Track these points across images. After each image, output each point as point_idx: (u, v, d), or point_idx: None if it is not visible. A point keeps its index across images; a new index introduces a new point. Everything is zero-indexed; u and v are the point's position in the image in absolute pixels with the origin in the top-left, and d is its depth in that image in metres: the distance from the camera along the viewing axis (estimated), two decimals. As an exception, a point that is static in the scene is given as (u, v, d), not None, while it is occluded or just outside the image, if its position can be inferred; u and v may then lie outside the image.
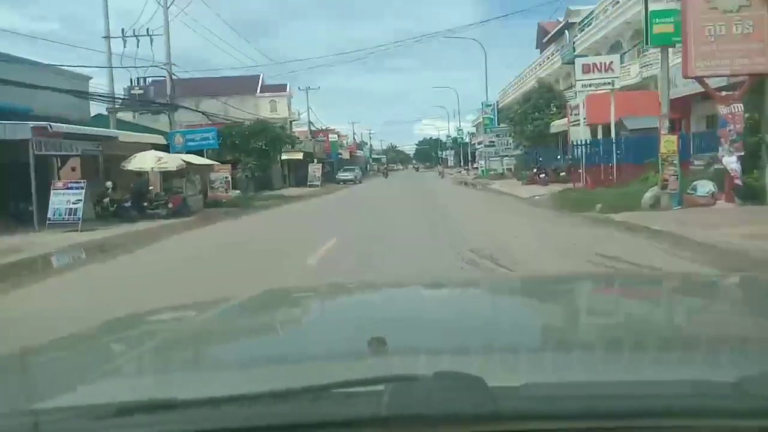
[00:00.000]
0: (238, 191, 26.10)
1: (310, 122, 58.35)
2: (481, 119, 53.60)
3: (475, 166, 62.86)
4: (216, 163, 23.98)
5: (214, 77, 54.72)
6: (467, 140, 72.68)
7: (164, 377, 1.22)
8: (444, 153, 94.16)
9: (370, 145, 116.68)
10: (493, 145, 42.85)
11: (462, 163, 68.71)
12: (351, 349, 1.23)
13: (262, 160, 31.26)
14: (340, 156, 66.58)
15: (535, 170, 28.26)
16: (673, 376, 0.98)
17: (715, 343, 1.24)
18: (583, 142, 23.14)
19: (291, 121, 57.61)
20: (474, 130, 71.88)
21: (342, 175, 51.86)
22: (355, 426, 0.84)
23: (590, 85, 22.26)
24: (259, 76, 58.15)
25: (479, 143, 66.86)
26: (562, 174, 25.39)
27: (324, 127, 68.21)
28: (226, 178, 24.58)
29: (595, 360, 1.17)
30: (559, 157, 28.90)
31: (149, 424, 0.86)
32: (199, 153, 22.99)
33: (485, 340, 1.29)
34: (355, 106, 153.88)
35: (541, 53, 48.13)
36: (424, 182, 46.40)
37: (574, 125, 26.42)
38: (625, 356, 1.18)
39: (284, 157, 39.28)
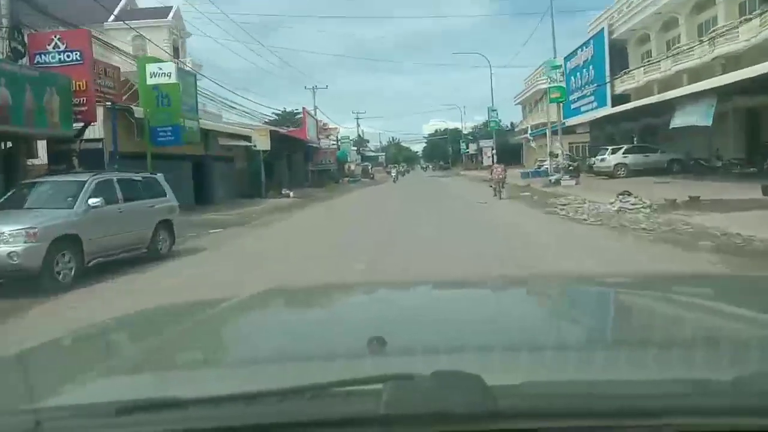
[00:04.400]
0: None
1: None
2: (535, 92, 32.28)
3: (542, 166, 32.48)
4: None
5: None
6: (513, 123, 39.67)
7: (164, 376, 1.23)
8: (477, 145, 60.21)
9: (359, 134, 78.18)
10: None
11: (563, 162, 29.38)
12: (350, 348, 1.23)
13: None
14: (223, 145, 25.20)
15: None
16: (671, 375, 0.98)
17: (713, 342, 1.24)
18: None
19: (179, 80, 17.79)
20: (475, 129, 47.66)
21: None
22: (354, 424, 0.85)
23: None
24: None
25: (535, 126, 39.25)
26: None
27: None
28: None
29: (593, 359, 1.16)
30: None
31: (150, 423, 0.86)
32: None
33: (484, 339, 1.29)
34: (360, 105, 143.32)
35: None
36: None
37: None
38: (623, 355, 1.17)
39: None
